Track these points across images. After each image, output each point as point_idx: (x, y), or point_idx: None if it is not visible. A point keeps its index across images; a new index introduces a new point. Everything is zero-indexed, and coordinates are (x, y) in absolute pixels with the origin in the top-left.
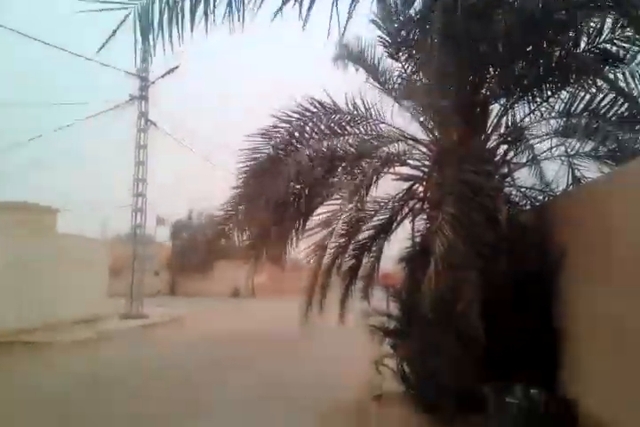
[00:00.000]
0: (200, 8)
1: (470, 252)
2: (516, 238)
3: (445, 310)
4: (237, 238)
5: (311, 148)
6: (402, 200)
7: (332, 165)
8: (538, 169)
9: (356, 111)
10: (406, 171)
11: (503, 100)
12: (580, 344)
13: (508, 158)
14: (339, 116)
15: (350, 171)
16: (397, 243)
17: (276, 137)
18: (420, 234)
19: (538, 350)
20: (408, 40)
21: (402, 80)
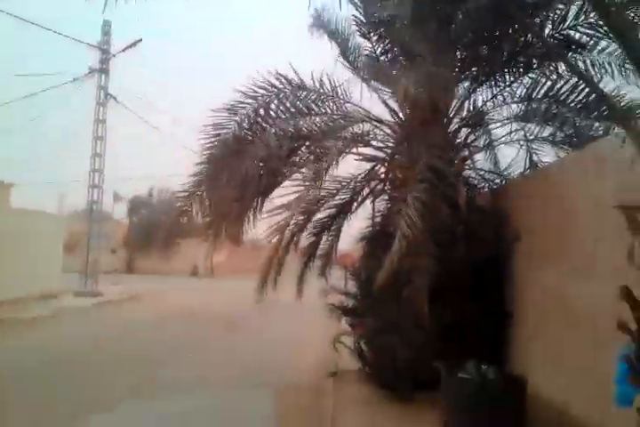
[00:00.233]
0: None
1: (429, 239)
2: (473, 222)
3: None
4: (197, 216)
5: (277, 126)
6: (363, 180)
7: (296, 144)
8: (493, 153)
9: (322, 89)
10: (369, 151)
11: (467, 84)
12: (530, 326)
13: (468, 142)
14: (305, 93)
15: (314, 150)
16: (357, 222)
17: (241, 113)
18: (381, 214)
19: (490, 330)
20: (380, 21)
21: (370, 60)
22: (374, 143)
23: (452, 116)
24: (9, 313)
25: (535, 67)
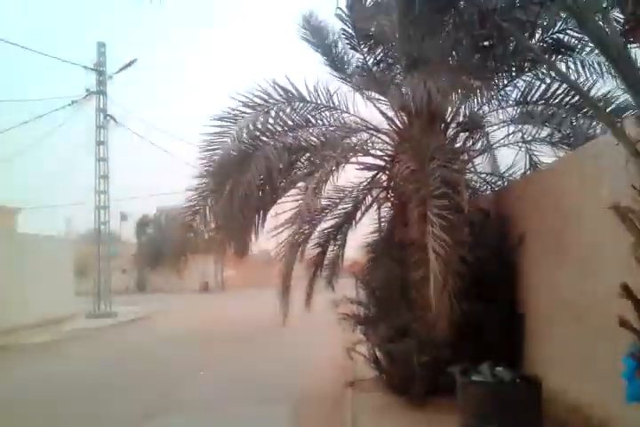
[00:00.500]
0: None
1: (454, 245)
2: (476, 224)
3: (416, 296)
4: (202, 232)
5: (275, 139)
6: (365, 189)
7: (295, 155)
8: (493, 156)
9: (319, 100)
10: (369, 160)
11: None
12: (543, 325)
13: (467, 146)
14: (302, 104)
15: (313, 162)
16: (365, 229)
17: (240, 123)
18: (386, 221)
19: (504, 332)
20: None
21: (363, 71)
22: (374, 152)
23: (449, 121)
24: (20, 339)
25: (527, 70)
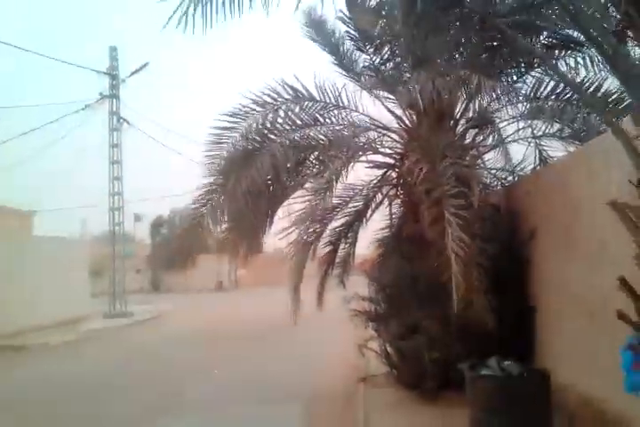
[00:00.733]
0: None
1: (473, 243)
2: (487, 220)
3: (427, 292)
4: (214, 231)
5: (284, 137)
6: (375, 187)
7: (304, 154)
8: (505, 150)
9: (327, 99)
10: (379, 158)
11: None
12: (552, 319)
13: (476, 142)
14: (311, 103)
15: (322, 160)
16: (375, 225)
17: (250, 120)
18: (396, 218)
19: (515, 327)
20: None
21: (370, 71)
22: (383, 150)
23: (458, 118)
24: (38, 339)
25: (537, 66)
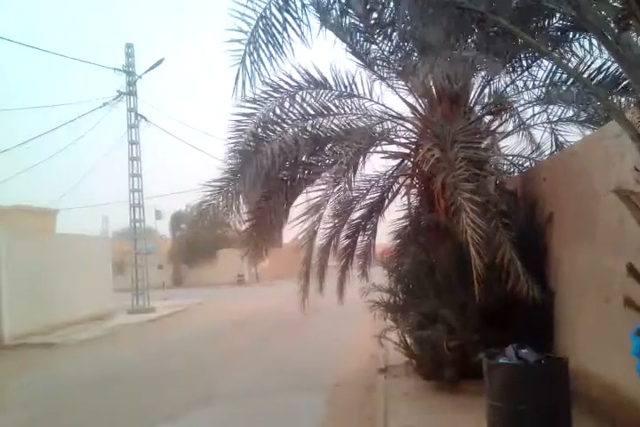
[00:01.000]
0: None
1: (493, 228)
2: (504, 205)
3: (444, 282)
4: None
5: (297, 127)
6: (391, 177)
7: (319, 145)
8: (529, 136)
9: (343, 88)
10: (394, 148)
11: (484, 72)
12: (571, 305)
13: (492, 128)
14: (326, 91)
15: (336, 151)
16: (390, 218)
17: (266, 106)
18: (415, 207)
19: (532, 313)
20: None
21: (382, 60)
22: (398, 140)
23: (472, 104)
24: (66, 336)
25: (552, 49)
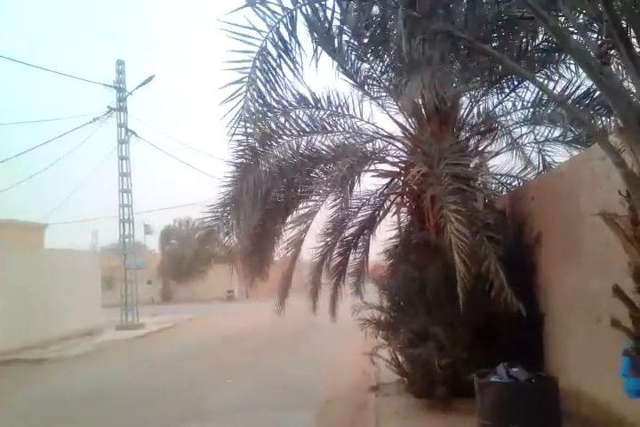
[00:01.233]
0: None
1: (478, 241)
2: (494, 224)
3: (434, 299)
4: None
5: (291, 148)
6: (382, 195)
7: (313, 164)
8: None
9: (334, 108)
10: (385, 167)
11: (471, 93)
12: (560, 324)
13: (480, 147)
14: (318, 112)
15: (329, 170)
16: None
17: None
18: (405, 225)
19: (523, 331)
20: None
21: (373, 79)
22: (389, 159)
23: (462, 124)
24: (54, 352)
25: (538, 70)
